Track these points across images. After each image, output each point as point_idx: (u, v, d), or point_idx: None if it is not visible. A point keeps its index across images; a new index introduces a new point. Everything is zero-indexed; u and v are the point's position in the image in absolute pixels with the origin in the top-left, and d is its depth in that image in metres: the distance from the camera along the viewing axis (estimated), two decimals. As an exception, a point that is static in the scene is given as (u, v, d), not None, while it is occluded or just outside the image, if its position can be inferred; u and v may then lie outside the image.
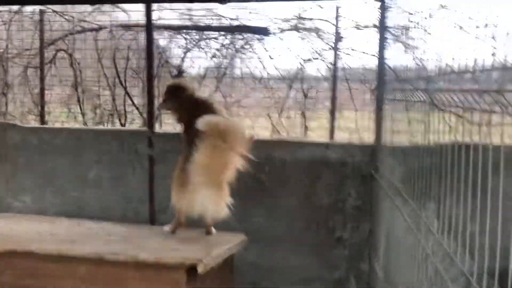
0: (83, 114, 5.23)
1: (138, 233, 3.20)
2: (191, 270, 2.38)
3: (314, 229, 4.04)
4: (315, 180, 4.07)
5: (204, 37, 5.05)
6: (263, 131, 4.95)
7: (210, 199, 2.96)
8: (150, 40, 4.30)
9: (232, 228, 4.13)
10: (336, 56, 4.89)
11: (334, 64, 4.88)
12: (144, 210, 4.37)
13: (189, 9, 5.08)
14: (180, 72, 5.03)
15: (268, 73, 5.14)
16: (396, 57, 4.48)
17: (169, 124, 5.02)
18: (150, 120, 4.45)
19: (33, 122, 5.06)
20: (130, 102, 5.10)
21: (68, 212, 4.39)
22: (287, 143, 4.25)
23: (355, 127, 4.82)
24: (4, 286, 2.51)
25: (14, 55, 5.12)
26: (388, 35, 4.02)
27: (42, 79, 4.96)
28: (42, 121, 4.91)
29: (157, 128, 4.59)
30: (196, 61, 5.09)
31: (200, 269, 2.32)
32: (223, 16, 5.07)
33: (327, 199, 4.04)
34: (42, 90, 4.93)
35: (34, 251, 2.44)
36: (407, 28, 4.97)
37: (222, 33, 5.03)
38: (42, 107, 4.91)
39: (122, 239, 2.92)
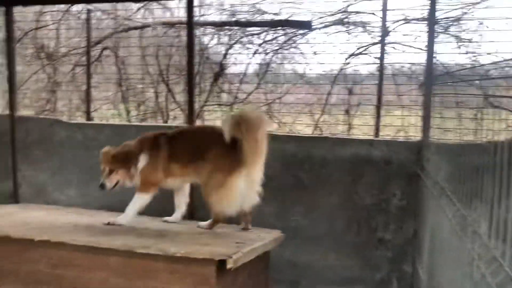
0: (127, 111, 5.33)
1: (174, 228, 3.19)
2: (221, 265, 2.32)
3: (355, 229, 3.89)
4: (357, 178, 3.92)
5: (247, 33, 5.00)
6: (304, 129, 4.84)
7: (247, 192, 3.02)
8: (191, 37, 4.31)
9: (270, 225, 4.06)
10: (382, 51, 4.70)
11: (381, 59, 4.69)
12: (184, 205, 4.39)
13: (232, 5, 5.05)
14: (222, 69, 5.02)
15: (311, 69, 5.02)
16: (447, 51, 4.24)
17: (210, 120, 5.03)
18: (191, 116, 4.47)
19: (80, 118, 5.21)
20: (172, 99, 5.14)
21: (111, 206, 4.47)
22: (328, 140, 4.12)
23: (401, 124, 4.60)
24: (39, 275, 2.56)
25: (63, 54, 5.30)
26: (438, 28, 3.81)
27: (89, 77, 5.10)
28: (88, 117, 5.05)
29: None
30: (238, 58, 5.06)
31: (230, 265, 2.26)
32: (266, 12, 5.00)
33: (369, 198, 3.89)
34: (88, 87, 5.07)
35: (67, 242, 2.48)
36: (459, 20, 4.69)
37: (265, 28, 4.96)
38: (89, 104, 5.05)
39: (156, 233, 2.91)
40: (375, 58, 4.69)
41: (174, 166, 3.07)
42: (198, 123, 4.62)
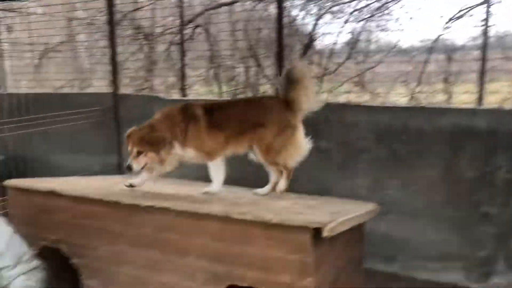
0: (219, 87, 5.46)
1: (266, 198, 3.24)
2: (317, 233, 2.31)
3: (456, 203, 3.68)
4: (458, 150, 3.70)
5: (337, 2, 4.85)
6: (399, 100, 4.62)
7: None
8: (280, 9, 4.29)
9: (363, 199, 3.97)
10: (488, 12, 4.30)
11: (485, 22, 4.30)
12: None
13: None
14: (311, 41, 4.93)
15: (406, 36, 4.76)
16: None
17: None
18: (280, 89, 4.47)
19: (175, 95, 5.43)
20: (262, 73, 5.16)
21: (206, 176, 4.66)
22: (426, 110, 3.90)
23: (508, 92, 4.21)
24: (145, 238, 2.75)
25: (158, 34, 5.55)
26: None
27: (182, 55, 5.28)
28: (184, 94, 5.24)
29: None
30: (327, 28, 4.93)
31: (325, 233, 2.25)
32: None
33: (471, 171, 3.65)
34: (183, 65, 5.25)
35: (170, 207, 2.62)
36: None
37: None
38: (183, 81, 5.24)
39: (250, 201, 2.98)
40: (479, 21, 4.31)
41: (220, 137, 3.11)
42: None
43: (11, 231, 2.25)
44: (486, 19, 4.23)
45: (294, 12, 5.05)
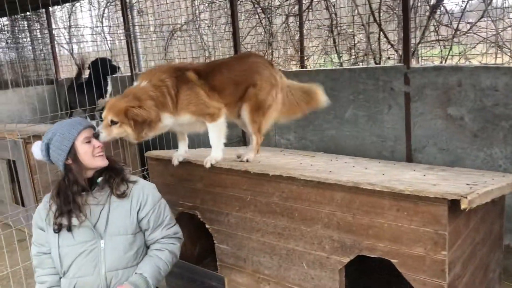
0: (339, 56, 5.34)
1: (394, 168, 3.14)
2: (454, 206, 2.18)
3: None
4: None
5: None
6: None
7: None
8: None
9: (501, 170, 3.66)
10: None
11: None
12: (400, 148, 4.26)
13: None
14: (439, 1, 4.56)
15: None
16: None
17: (426, 59, 4.68)
18: (406, 55, 4.23)
19: (294, 67, 5.44)
20: (384, 39, 4.93)
21: (326, 148, 4.65)
22: None
23: None
24: (273, 206, 2.84)
25: (276, 6, 5.57)
26: None
27: (301, 26, 5.24)
28: (302, 65, 5.23)
29: (414, 64, 4.33)
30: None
31: (464, 205, 2.10)
32: None
33: None
34: (301, 36, 5.22)
35: (297, 177, 2.65)
36: None
37: None
38: (302, 53, 5.22)
39: (378, 172, 2.91)
40: None
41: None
42: (413, 61, 4.35)
43: (160, 196, 2.49)
44: None
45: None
